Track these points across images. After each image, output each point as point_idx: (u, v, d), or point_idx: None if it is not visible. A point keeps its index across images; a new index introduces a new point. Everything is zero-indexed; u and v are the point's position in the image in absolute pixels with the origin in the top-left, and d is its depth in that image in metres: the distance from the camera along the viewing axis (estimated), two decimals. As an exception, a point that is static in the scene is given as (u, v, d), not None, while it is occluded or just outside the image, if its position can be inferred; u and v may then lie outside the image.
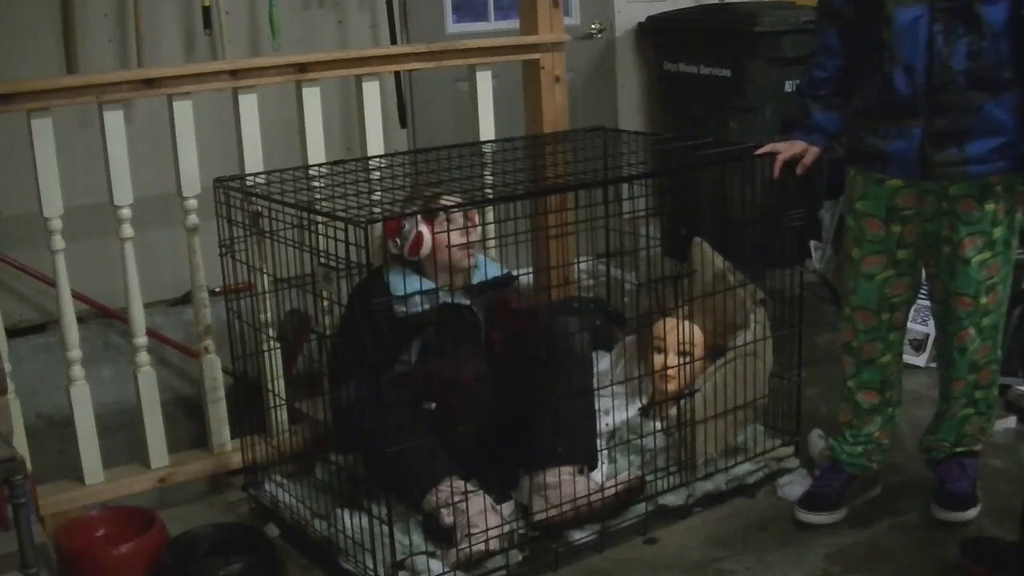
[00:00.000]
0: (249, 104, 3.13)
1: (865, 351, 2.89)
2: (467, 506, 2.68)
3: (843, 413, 2.99)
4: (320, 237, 2.69)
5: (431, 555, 2.69)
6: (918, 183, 2.71)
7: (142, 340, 3.07)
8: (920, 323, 3.91)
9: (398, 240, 3.00)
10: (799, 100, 2.96)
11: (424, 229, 2.96)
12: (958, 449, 2.94)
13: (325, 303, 3.03)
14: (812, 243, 4.34)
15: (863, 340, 2.87)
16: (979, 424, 2.93)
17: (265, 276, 3.11)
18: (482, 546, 2.63)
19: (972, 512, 2.86)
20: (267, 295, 3.11)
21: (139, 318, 3.06)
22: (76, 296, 3.23)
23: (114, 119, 2.93)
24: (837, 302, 3.63)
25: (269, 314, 3.13)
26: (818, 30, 2.88)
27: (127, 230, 2.99)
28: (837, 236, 4.20)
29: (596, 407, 2.95)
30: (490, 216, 3.48)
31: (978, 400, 2.89)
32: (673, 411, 3.09)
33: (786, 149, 2.92)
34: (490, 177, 3.13)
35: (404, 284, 2.95)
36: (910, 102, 2.62)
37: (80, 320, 3.10)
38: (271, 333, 3.13)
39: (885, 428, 2.97)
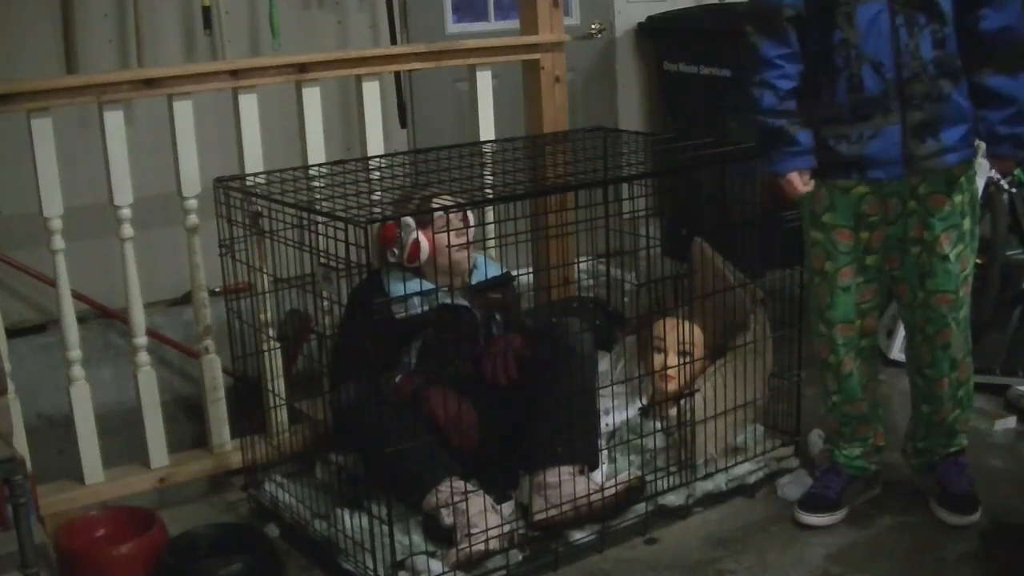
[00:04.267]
0: (249, 104, 3.13)
1: (844, 365, 2.87)
2: (467, 506, 2.68)
3: (831, 423, 2.99)
4: (320, 237, 2.69)
5: (431, 555, 2.69)
6: (881, 187, 2.70)
7: (142, 340, 3.07)
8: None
9: (395, 249, 3.01)
10: (766, 123, 2.67)
11: (420, 236, 2.97)
12: (951, 449, 2.94)
13: (325, 303, 3.04)
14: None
15: (842, 354, 2.85)
16: (965, 420, 2.94)
17: (265, 276, 3.11)
18: (482, 546, 2.63)
19: (979, 514, 2.85)
20: (267, 295, 3.11)
21: (139, 318, 3.06)
22: (76, 296, 3.23)
23: (114, 119, 2.93)
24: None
25: (269, 314, 3.13)
26: (774, 34, 2.64)
27: (127, 230, 2.99)
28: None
29: (597, 407, 2.95)
30: (490, 216, 3.48)
31: (961, 398, 2.89)
32: (673, 411, 3.09)
33: (797, 187, 2.69)
34: (490, 177, 3.13)
35: (404, 286, 2.96)
36: (881, 99, 2.60)
37: (80, 320, 3.10)
38: (271, 333, 3.13)
39: (878, 430, 2.98)
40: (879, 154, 2.63)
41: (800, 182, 2.69)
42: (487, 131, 3.57)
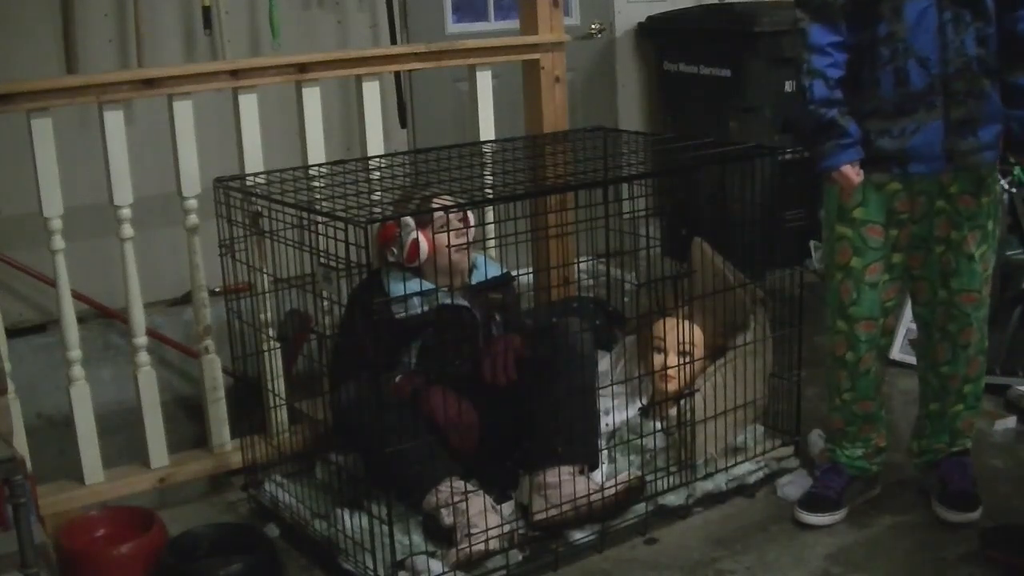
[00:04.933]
0: (249, 104, 3.13)
1: (863, 362, 2.86)
2: (467, 506, 2.68)
3: (836, 422, 2.98)
4: (320, 237, 2.69)
5: (431, 555, 2.69)
6: (912, 185, 2.71)
7: (142, 340, 3.07)
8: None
9: (395, 249, 3.01)
10: (816, 114, 2.64)
11: (420, 236, 2.97)
12: (954, 449, 2.94)
13: (325, 303, 3.04)
14: (812, 243, 4.34)
15: (863, 351, 2.84)
16: (969, 420, 2.94)
17: (265, 276, 3.11)
18: (482, 546, 2.63)
19: (979, 512, 2.85)
20: (267, 295, 3.11)
21: (139, 318, 3.06)
22: (76, 296, 3.23)
23: (114, 119, 2.93)
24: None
25: (269, 314, 3.13)
26: (827, 21, 2.62)
27: (127, 230, 2.99)
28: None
29: (597, 407, 2.95)
30: (490, 216, 3.48)
31: (967, 394, 2.89)
32: (673, 411, 3.09)
33: (852, 180, 2.65)
34: (490, 177, 3.13)
35: (404, 286, 2.96)
36: (925, 94, 2.60)
37: (80, 320, 3.10)
38: (271, 333, 3.13)
39: (881, 431, 2.98)
40: (921, 148, 2.63)
41: (854, 174, 2.65)
42: (487, 131, 3.57)
